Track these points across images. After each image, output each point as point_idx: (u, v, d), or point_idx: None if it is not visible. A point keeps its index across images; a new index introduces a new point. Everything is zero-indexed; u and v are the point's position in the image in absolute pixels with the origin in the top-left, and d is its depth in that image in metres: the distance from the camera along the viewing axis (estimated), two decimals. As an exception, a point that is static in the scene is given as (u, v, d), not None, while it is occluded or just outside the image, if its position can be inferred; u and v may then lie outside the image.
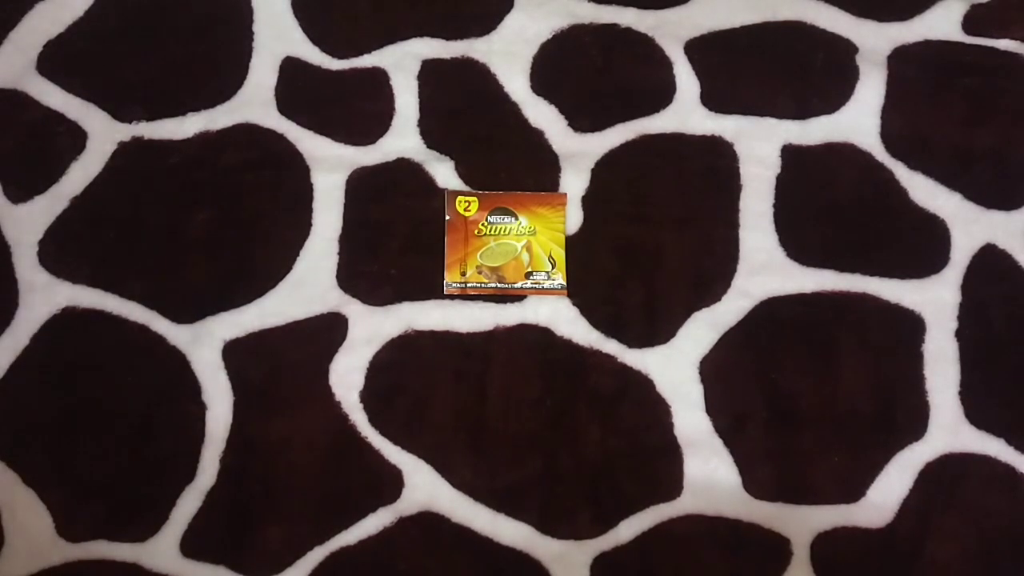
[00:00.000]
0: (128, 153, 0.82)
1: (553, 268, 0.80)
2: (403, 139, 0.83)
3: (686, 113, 0.84)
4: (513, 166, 0.82)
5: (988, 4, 0.87)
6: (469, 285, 0.80)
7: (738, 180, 0.82)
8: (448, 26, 0.86)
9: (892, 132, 0.84)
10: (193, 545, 0.75)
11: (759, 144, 0.83)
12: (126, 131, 0.83)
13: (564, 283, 0.80)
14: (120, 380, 0.78)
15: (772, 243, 0.81)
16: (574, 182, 0.82)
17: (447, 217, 0.80)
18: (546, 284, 0.80)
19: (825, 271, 0.81)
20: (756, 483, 0.77)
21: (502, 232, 0.80)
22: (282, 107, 0.84)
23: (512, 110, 0.84)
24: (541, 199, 0.81)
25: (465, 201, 0.80)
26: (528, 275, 0.80)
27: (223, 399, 0.78)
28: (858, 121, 0.84)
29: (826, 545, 0.76)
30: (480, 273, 0.80)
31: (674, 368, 0.79)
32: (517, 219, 0.80)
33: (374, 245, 0.81)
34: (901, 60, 0.85)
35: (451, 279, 0.79)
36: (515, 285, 0.80)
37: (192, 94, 0.84)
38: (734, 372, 0.79)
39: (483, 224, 0.80)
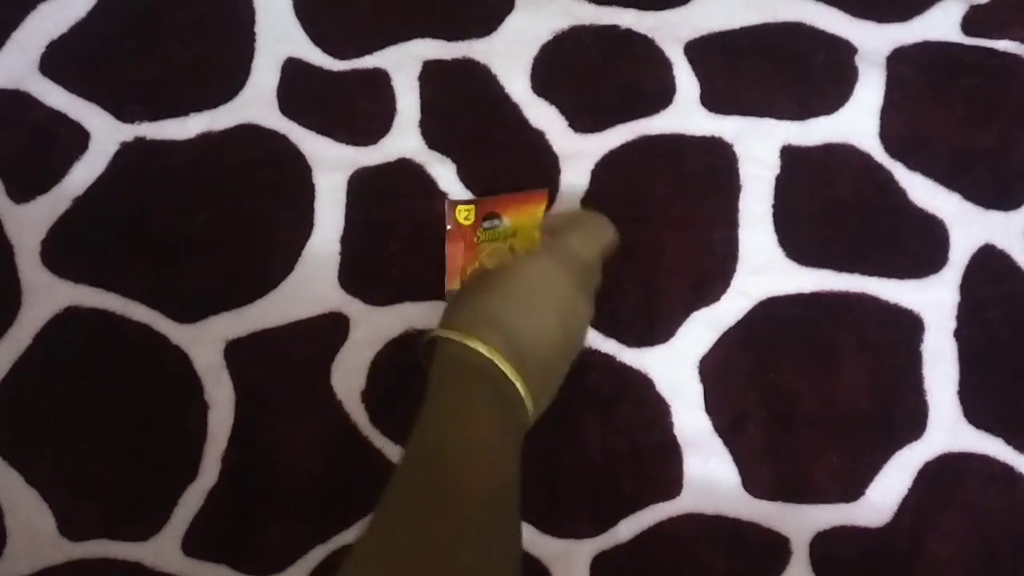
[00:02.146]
0: (131, 153, 0.83)
1: None
2: (404, 140, 0.83)
3: (686, 114, 0.84)
4: (513, 166, 0.83)
5: (988, 4, 0.87)
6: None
7: (738, 180, 0.82)
8: (449, 27, 0.86)
9: (891, 132, 0.84)
10: (195, 544, 0.75)
11: (759, 144, 0.83)
12: (129, 131, 0.83)
13: None
14: (122, 379, 0.78)
15: (771, 243, 0.81)
16: (574, 182, 0.82)
17: (448, 227, 0.79)
18: None
19: (824, 271, 0.81)
20: (756, 482, 0.77)
21: (495, 237, 0.78)
22: (284, 108, 0.84)
23: (512, 111, 0.84)
24: (520, 199, 0.79)
25: (465, 210, 0.79)
26: None
27: (225, 398, 0.78)
28: (857, 122, 0.84)
29: (825, 544, 0.76)
30: (479, 274, 0.79)
31: (673, 368, 0.79)
32: (502, 222, 0.79)
33: (376, 245, 0.81)
34: (900, 61, 0.85)
35: (452, 288, 0.78)
36: None
37: (194, 95, 0.84)
38: (734, 372, 0.79)
39: (480, 231, 0.78)
